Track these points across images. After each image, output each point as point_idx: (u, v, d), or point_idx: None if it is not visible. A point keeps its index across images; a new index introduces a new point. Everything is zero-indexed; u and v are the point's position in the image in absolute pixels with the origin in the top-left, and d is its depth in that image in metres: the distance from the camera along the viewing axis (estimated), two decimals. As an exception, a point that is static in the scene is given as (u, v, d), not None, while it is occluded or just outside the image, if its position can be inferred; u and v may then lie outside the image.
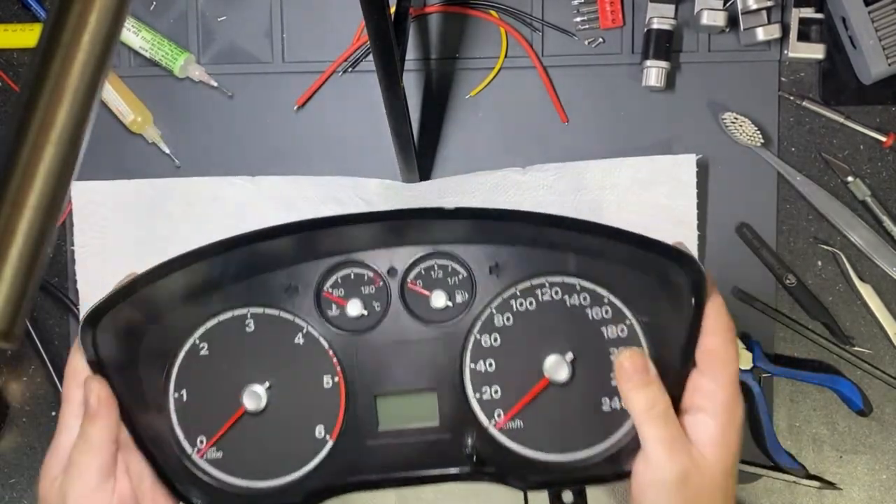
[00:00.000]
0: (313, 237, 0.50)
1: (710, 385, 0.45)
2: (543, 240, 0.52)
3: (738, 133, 0.71)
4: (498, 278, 0.52)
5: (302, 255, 0.52)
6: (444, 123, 0.73)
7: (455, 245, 0.52)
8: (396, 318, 0.52)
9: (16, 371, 0.74)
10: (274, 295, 0.52)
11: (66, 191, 0.28)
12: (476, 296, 0.52)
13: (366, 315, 0.52)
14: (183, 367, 0.51)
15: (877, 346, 0.72)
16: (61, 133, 0.28)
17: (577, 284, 0.51)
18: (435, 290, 0.52)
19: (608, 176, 0.70)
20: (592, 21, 0.72)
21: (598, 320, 0.51)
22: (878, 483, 0.72)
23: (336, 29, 0.73)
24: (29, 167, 0.27)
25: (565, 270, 0.52)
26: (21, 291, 0.27)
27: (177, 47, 0.72)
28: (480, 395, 0.51)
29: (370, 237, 0.52)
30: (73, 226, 0.71)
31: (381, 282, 0.52)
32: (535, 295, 0.52)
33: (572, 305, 0.51)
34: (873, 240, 0.71)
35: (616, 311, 0.51)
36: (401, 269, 0.52)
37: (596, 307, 0.51)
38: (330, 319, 0.52)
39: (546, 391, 0.50)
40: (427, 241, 0.52)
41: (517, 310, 0.52)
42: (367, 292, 0.52)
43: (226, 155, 0.73)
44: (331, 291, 0.52)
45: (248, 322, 0.52)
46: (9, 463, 0.73)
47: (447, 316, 0.52)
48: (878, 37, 0.68)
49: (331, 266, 0.52)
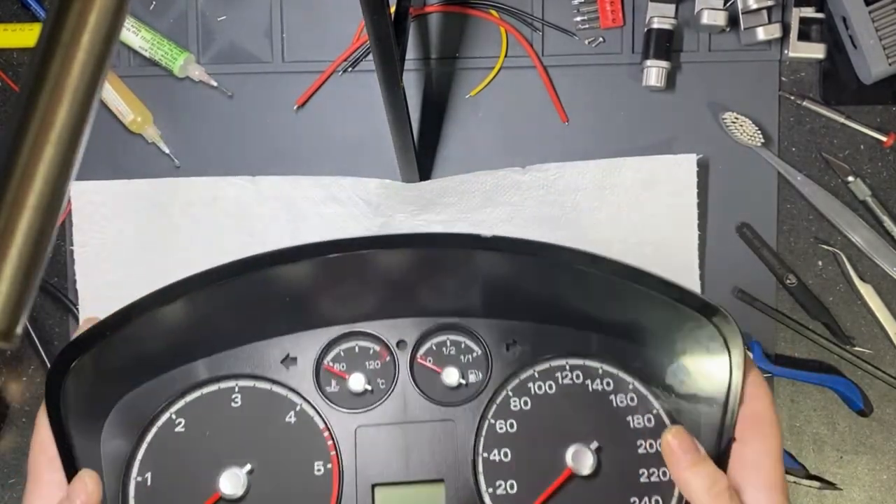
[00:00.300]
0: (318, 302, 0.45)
1: (754, 456, 0.42)
2: (563, 314, 0.47)
3: (738, 133, 0.71)
4: (515, 357, 0.48)
5: (303, 322, 0.47)
6: (444, 123, 0.73)
7: (469, 318, 0.48)
8: (403, 397, 0.47)
9: (15, 371, 0.73)
10: (268, 366, 0.47)
11: (66, 191, 0.28)
12: (491, 375, 0.48)
13: (369, 391, 0.48)
14: (152, 447, 0.45)
15: (877, 347, 0.72)
16: (61, 133, 0.27)
17: (599, 369, 0.48)
18: (447, 367, 0.48)
19: (608, 176, 0.70)
20: (593, 21, 0.72)
21: (623, 408, 0.47)
22: (878, 483, 0.72)
23: (336, 29, 0.73)
24: (28, 167, 0.27)
25: (587, 351, 0.48)
26: (21, 291, 0.27)
27: (176, 47, 0.71)
28: (494, 490, 0.46)
29: (378, 304, 0.48)
30: (72, 226, 0.71)
31: (388, 356, 0.48)
32: (555, 378, 0.47)
33: (595, 391, 0.47)
34: (874, 240, 0.71)
35: (641, 399, 0.47)
36: (410, 342, 0.48)
37: (620, 394, 0.47)
38: (328, 396, 0.47)
39: (569, 485, 0.45)
40: (439, 311, 0.48)
41: (535, 393, 0.47)
42: (373, 367, 0.48)
43: (226, 155, 0.73)
44: (332, 364, 0.48)
45: (236, 396, 0.46)
46: (8, 463, 0.73)
47: (459, 397, 0.47)
48: (879, 36, 0.68)
49: (335, 336, 0.48)
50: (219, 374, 0.46)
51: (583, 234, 0.70)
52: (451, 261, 0.46)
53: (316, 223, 0.71)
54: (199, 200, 0.71)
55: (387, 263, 0.46)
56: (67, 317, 0.73)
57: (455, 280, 0.47)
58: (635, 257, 0.69)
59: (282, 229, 0.71)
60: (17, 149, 0.27)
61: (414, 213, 0.71)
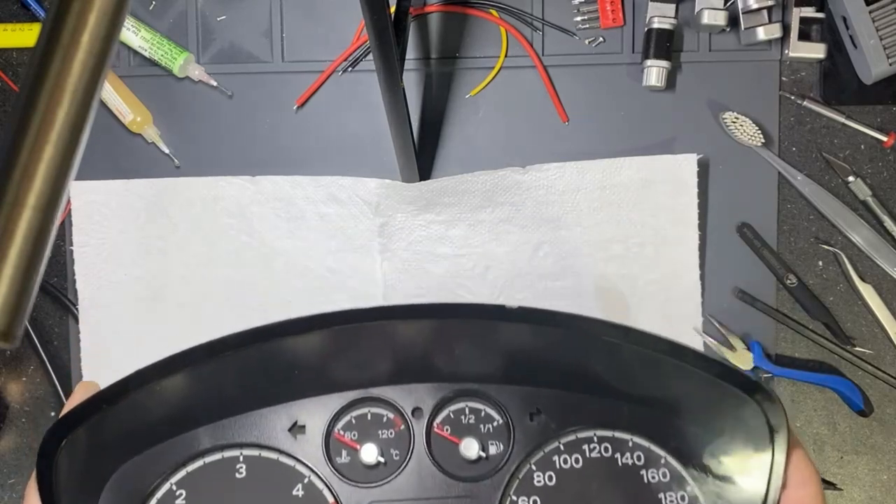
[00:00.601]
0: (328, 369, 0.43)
1: None
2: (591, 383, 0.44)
3: (738, 133, 0.71)
4: (539, 428, 0.44)
5: (312, 388, 0.44)
6: (444, 123, 0.73)
7: (490, 384, 0.44)
8: (418, 470, 0.44)
9: (15, 371, 0.73)
10: (274, 434, 0.44)
11: (66, 190, 0.28)
12: (513, 448, 0.44)
13: (382, 464, 0.45)
14: None
15: (878, 347, 0.72)
16: (60, 133, 0.27)
17: (629, 441, 0.44)
18: (466, 438, 0.45)
19: (608, 175, 0.70)
20: (593, 20, 0.72)
21: (655, 484, 0.44)
22: (878, 484, 0.72)
23: (336, 29, 0.73)
24: (28, 167, 0.27)
25: (617, 422, 0.44)
26: (21, 291, 0.27)
27: (176, 47, 0.71)
28: None
29: (393, 368, 0.45)
30: (72, 226, 0.71)
31: (402, 424, 0.45)
32: (582, 451, 0.44)
33: (624, 465, 0.44)
34: (874, 240, 0.71)
35: (675, 476, 0.44)
36: (427, 409, 0.45)
37: (652, 469, 0.44)
38: (338, 467, 0.44)
39: None
40: (458, 377, 0.45)
41: (561, 467, 0.44)
42: (386, 436, 0.45)
43: (225, 155, 0.73)
44: (343, 433, 0.45)
45: (240, 466, 0.44)
46: (8, 464, 0.73)
47: (479, 471, 0.44)
48: (879, 36, 0.68)
49: (346, 403, 0.45)
50: (222, 443, 0.44)
51: (583, 234, 0.71)
52: (473, 330, 0.44)
53: (316, 223, 0.71)
54: (198, 200, 0.71)
55: (404, 332, 0.43)
56: (67, 317, 0.73)
57: (476, 348, 0.45)
58: (635, 257, 0.70)
59: (281, 229, 0.71)
60: (16, 149, 0.27)
61: (414, 213, 0.71)
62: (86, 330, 0.71)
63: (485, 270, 0.71)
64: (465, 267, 0.71)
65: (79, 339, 0.71)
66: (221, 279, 0.71)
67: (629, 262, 0.70)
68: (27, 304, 0.27)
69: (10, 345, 0.27)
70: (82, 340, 0.71)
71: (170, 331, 0.71)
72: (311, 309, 0.75)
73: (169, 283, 0.71)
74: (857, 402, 0.70)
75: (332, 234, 0.71)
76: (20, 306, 0.27)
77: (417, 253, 0.71)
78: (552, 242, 0.71)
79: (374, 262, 0.71)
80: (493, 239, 0.71)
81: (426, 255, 0.71)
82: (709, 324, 0.71)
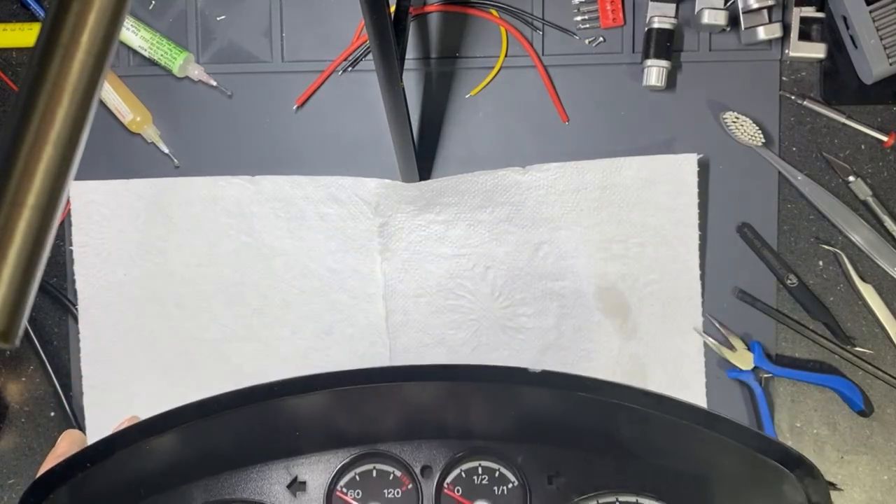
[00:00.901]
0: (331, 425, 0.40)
1: None
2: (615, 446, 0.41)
3: (738, 132, 0.71)
4: (558, 491, 0.41)
5: (314, 442, 0.41)
6: (444, 123, 0.73)
7: (506, 443, 0.41)
8: None
9: (15, 371, 0.73)
10: (272, 491, 0.41)
11: (65, 190, 0.28)
12: None
13: None
14: None
15: (878, 347, 0.72)
16: (60, 133, 0.27)
17: None
18: (478, 501, 0.42)
19: (609, 175, 0.70)
20: (593, 20, 0.72)
21: None
22: (879, 484, 0.72)
23: (336, 28, 0.73)
24: (28, 167, 0.27)
25: (641, 486, 0.41)
26: (20, 291, 0.27)
27: (176, 47, 0.71)
28: None
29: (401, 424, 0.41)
30: (71, 226, 0.71)
31: (410, 483, 0.42)
32: None
33: None
34: (874, 240, 0.71)
35: None
36: (437, 467, 0.42)
37: None
38: None
39: None
40: (471, 433, 0.41)
41: None
42: (392, 495, 0.42)
43: (225, 155, 0.73)
44: (345, 491, 0.42)
45: None
46: (7, 464, 0.73)
47: None
48: (880, 36, 0.68)
49: (350, 458, 0.41)
50: (216, 499, 0.41)
51: (583, 234, 0.70)
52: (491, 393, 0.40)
53: (316, 223, 0.71)
54: (198, 200, 0.71)
55: (418, 394, 0.40)
56: (67, 317, 0.73)
57: (493, 409, 0.42)
58: (635, 257, 0.70)
59: (281, 229, 0.71)
60: (16, 149, 0.27)
61: (414, 213, 0.71)
62: (85, 330, 0.71)
63: (485, 270, 0.71)
64: (464, 267, 0.71)
65: (78, 339, 0.71)
66: (221, 279, 0.71)
67: (629, 262, 0.70)
68: (26, 304, 0.27)
69: (10, 345, 0.27)
70: (82, 340, 0.71)
71: (169, 330, 0.71)
72: (311, 309, 0.74)
73: (169, 282, 0.71)
74: (857, 402, 0.70)
75: (332, 234, 0.71)
76: (20, 306, 0.27)
77: (417, 253, 0.71)
78: (552, 242, 0.71)
79: (374, 262, 0.71)
80: (492, 239, 0.71)
81: (426, 254, 0.71)
82: (709, 324, 0.71)
